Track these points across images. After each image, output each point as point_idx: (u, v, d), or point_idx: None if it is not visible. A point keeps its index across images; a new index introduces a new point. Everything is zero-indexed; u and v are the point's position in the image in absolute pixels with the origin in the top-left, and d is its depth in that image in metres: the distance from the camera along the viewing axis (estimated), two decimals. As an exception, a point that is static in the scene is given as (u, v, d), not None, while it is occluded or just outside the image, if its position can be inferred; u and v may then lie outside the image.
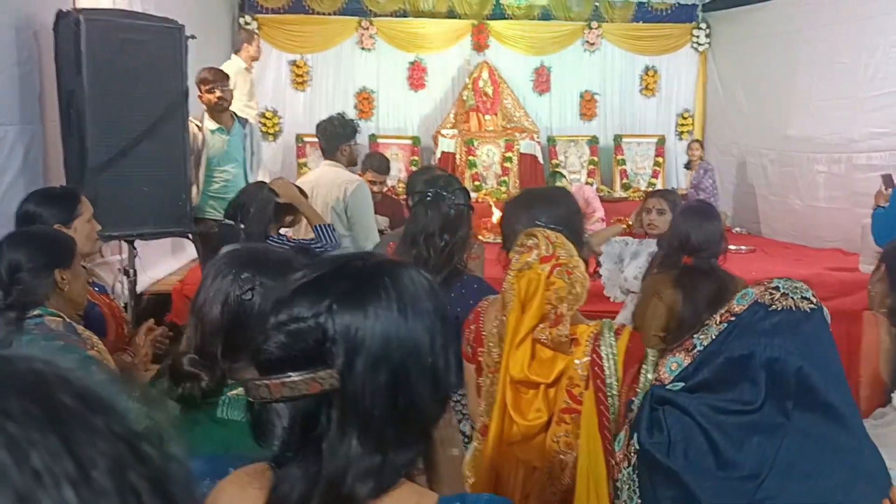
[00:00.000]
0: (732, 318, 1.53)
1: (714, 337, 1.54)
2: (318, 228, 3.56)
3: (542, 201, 2.15)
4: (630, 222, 4.37)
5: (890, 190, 5.01)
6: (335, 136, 4.31)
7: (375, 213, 4.70)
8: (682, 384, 1.53)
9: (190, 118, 4.56)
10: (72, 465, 0.40)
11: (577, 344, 1.84)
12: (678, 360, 1.59)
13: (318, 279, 1.02)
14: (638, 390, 1.71)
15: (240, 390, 1.37)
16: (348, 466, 0.95)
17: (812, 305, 1.50)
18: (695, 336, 1.59)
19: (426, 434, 1.04)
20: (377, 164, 5.10)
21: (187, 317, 1.48)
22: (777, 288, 1.52)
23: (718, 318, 1.56)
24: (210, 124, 4.83)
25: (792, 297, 1.50)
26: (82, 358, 1.90)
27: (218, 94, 4.74)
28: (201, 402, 1.37)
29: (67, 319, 2.06)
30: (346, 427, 0.96)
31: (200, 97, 4.78)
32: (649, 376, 1.75)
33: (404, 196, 4.40)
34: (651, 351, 1.92)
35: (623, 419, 1.73)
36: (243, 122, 5.09)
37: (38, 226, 2.41)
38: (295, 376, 0.95)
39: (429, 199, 2.62)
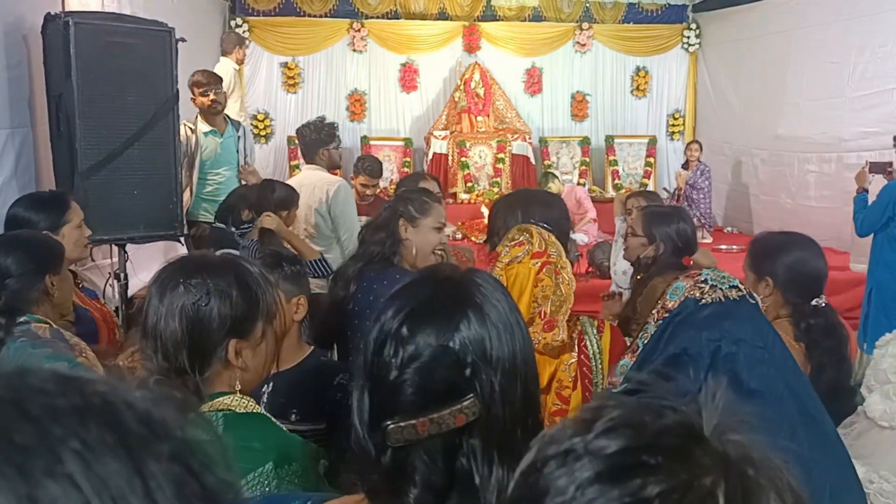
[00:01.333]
0: (667, 315, 1.53)
1: (652, 336, 1.55)
2: (312, 264, 3.57)
3: (537, 201, 2.15)
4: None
5: (871, 175, 5.09)
6: (312, 142, 4.36)
7: (367, 215, 4.70)
8: (627, 362, 1.55)
9: (183, 121, 4.54)
10: (142, 492, 0.40)
11: (563, 347, 1.85)
12: (625, 363, 1.59)
13: (428, 303, 0.94)
14: (612, 381, 1.71)
15: (212, 404, 1.33)
16: (500, 494, 0.88)
17: (740, 293, 1.51)
18: (638, 337, 1.59)
19: None
20: (369, 167, 5.10)
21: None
22: (705, 281, 1.52)
23: (656, 316, 1.57)
24: (203, 127, 4.81)
25: (720, 289, 1.50)
26: (72, 366, 1.88)
27: (212, 96, 4.73)
28: None
29: (55, 326, 2.04)
30: (492, 453, 0.90)
31: (194, 100, 4.76)
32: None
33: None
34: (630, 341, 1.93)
35: None
36: (236, 124, 5.08)
37: (27, 230, 2.39)
38: (442, 410, 0.88)
39: None
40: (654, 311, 1.56)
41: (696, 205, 8.11)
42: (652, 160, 9.66)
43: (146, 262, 5.23)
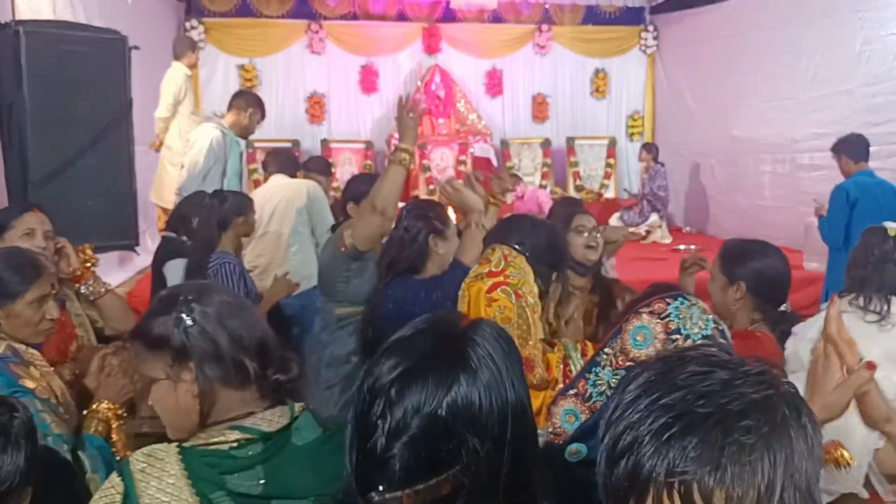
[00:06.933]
0: (630, 365, 1.31)
1: (610, 384, 1.35)
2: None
3: (527, 226, 2.08)
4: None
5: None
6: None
7: None
8: (583, 448, 1.32)
9: (214, 124, 4.48)
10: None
11: (546, 382, 1.81)
12: (573, 411, 1.39)
13: (423, 360, 0.92)
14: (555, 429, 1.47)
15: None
16: None
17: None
18: (587, 378, 1.40)
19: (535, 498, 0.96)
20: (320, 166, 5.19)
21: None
22: (678, 330, 1.29)
23: (613, 360, 1.36)
24: (231, 134, 4.71)
25: (693, 339, 1.28)
26: (10, 392, 1.82)
27: (258, 119, 4.72)
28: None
29: (10, 342, 1.95)
30: None
31: (238, 113, 4.61)
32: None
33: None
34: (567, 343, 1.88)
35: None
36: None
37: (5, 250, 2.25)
38: (429, 482, 0.86)
39: None
40: (608, 350, 1.37)
41: (664, 205, 8.29)
42: (612, 161, 9.76)
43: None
